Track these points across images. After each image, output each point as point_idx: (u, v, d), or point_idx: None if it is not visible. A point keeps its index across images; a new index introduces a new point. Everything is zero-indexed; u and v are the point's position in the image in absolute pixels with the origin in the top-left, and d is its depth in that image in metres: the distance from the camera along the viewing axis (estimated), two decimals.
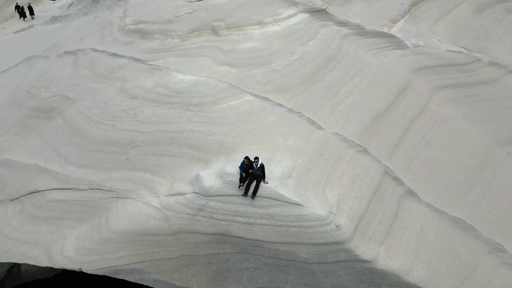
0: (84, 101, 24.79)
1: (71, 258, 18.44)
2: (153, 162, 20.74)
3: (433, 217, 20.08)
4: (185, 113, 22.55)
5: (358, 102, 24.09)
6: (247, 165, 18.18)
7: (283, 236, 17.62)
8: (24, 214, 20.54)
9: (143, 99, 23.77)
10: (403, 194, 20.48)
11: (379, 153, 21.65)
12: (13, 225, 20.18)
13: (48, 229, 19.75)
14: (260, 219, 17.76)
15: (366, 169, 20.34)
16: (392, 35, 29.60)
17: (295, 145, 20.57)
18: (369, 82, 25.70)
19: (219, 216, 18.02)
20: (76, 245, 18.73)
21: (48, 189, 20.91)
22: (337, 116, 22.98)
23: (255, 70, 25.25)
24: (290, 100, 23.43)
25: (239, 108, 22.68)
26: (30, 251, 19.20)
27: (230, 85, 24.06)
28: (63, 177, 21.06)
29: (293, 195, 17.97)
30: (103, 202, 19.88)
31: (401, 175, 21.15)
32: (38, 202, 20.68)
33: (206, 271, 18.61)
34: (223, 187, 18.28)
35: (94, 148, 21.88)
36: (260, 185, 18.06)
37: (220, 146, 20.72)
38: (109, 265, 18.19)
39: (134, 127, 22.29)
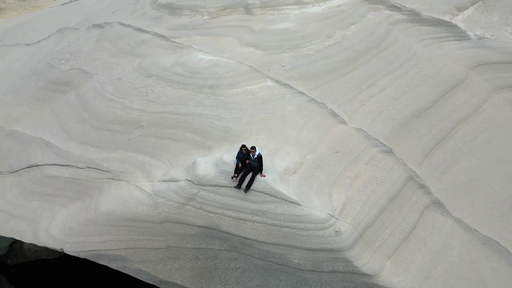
0: (99, 76, 25.83)
1: (55, 237, 19.34)
2: (155, 144, 21.23)
3: (460, 235, 19.02)
4: (197, 95, 22.87)
5: (395, 97, 23.29)
6: (244, 155, 18.14)
7: (275, 237, 17.44)
8: (19, 187, 21.82)
9: (157, 77, 24.37)
10: (428, 205, 19.58)
11: (408, 156, 20.81)
12: (8, 198, 21.50)
13: (39, 205, 20.85)
14: (252, 215, 17.68)
15: (387, 172, 19.64)
16: (453, 24, 28.28)
17: (308, 139, 20.25)
18: (414, 76, 24.76)
19: (209, 208, 18.14)
20: (62, 224, 19.62)
21: (47, 164, 22.04)
22: (367, 110, 22.35)
23: (283, 54, 25.11)
24: (315, 89, 23.09)
25: (255, 93, 22.67)
26: (18, 225, 20.37)
27: (251, 68, 24.08)
28: (64, 153, 22.11)
29: (291, 192, 17.72)
30: (97, 183, 20.64)
31: (430, 183, 20.20)
32: (35, 176, 21.87)
33: (192, 266, 18.81)
34: (217, 176, 18.37)
35: (98, 125, 22.75)
36: (256, 178, 17.93)
37: (225, 133, 20.83)
38: (91, 249, 18.88)
39: (142, 106, 22.92)
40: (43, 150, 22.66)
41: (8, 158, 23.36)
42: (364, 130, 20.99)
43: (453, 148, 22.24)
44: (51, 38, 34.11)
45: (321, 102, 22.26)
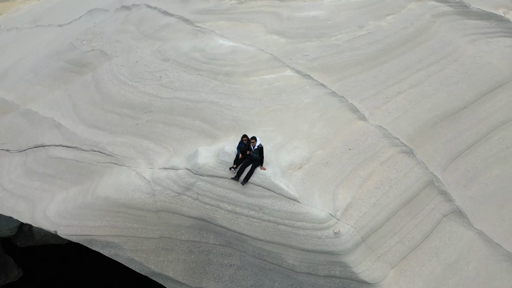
0: (118, 59, 26.59)
1: (51, 218, 20.11)
2: (161, 131, 21.66)
3: (480, 248, 18.36)
4: (211, 82, 23.13)
5: (426, 94, 22.75)
6: (245, 145, 18.21)
7: (270, 234, 17.42)
8: (24, 167, 22.82)
9: (174, 62, 24.83)
10: (447, 213, 19.02)
11: (431, 159, 20.30)
12: (11, 177, 22.54)
13: (40, 185, 21.72)
14: (248, 209, 17.73)
15: (403, 175, 19.22)
16: (505, 18, 27.24)
17: (320, 134, 20.10)
18: (451, 73, 24.08)
19: (205, 199, 18.34)
20: (59, 207, 20.36)
21: (53, 144, 22.94)
22: (392, 107, 21.95)
23: (308, 43, 24.99)
24: (337, 82, 22.87)
25: (272, 83, 22.70)
26: (18, 205, 21.31)
27: (272, 57, 24.13)
28: (71, 135, 22.94)
29: (291, 188, 17.64)
30: (100, 166, 21.29)
31: (452, 190, 19.62)
32: (40, 157, 22.81)
33: (185, 259, 19.07)
34: (216, 167, 18.55)
35: (108, 108, 23.44)
36: (256, 170, 17.96)
37: (234, 123, 20.98)
38: (84, 233, 19.48)
39: (154, 91, 23.44)
40: (52, 131, 23.58)
41: (19, 137, 24.45)
42: (384, 128, 20.59)
43: (486, 154, 21.46)
44: (81, 19, 35.33)
45: (341, 95, 21.99)
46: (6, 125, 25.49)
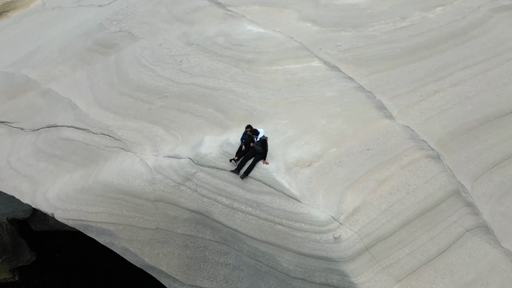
0: (143, 41, 27.28)
1: (49, 201, 20.88)
2: (173, 117, 22.04)
3: (504, 269, 17.56)
4: (231, 69, 23.34)
5: (468, 95, 22.00)
6: (249, 137, 18.22)
7: (266, 233, 17.33)
8: (33, 146, 23.81)
9: (197, 46, 25.21)
10: (471, 228, 18.29)
11: (462, 167, 19.66)
12: (20, 156, 23.57)
13: (46, 166, 22.60)
14: (245, 205, 17.74)
15: (425, 181, 18.64)
16: None
17: (338, 130, 19.82)
18: (501, 73, 23.22)
19: (203, 191, 18.50)
20: (60, 189, 21.11)
21: (65, 125, 23.82)
22: (425, 107, 21.36)
23: (342, 32, 24.72)
24: (368, 76, 22.48)
25: (296, 73, 22.63)
26: (21, 184, 22.26)
27: (301, 45, 24.03)
28: (84, 116, 23.74)
29: (293, 186, 17.49)
30: (107, 151, 21.91)
31: (481, 203, 18.87)
32: (50, 137, 23.73)
33: (180, 254, 19.29)
34: (218, 158, 18.67)
35: (124, 91, 24.10)
36: (258, 164, 17.94)
37: (248, 113, 21.07)
38: (81, 218, 20.09)
39: (172, 75, 23.89)
40: (66, 111, 24.47)
41: (35, 116, 25.54)
42: (412, 129, 20.03)
43: None
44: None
45: (369, 91, 21.56)
46: (25, 104, 26.64)
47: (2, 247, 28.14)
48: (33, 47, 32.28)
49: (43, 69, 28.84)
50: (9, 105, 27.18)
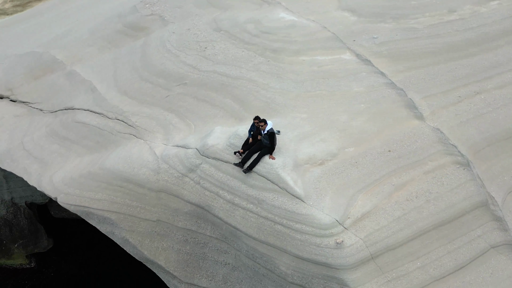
0: (173, 25, 27.81)
1: (55, 184, 21.56)
2: (189, 106, 22.34)
3: None
4: (256, 58, 23.44)
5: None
6: (257, 129, 18.22)
7: (265, 233, 17.26)
8: (48, 128, 24.65)
9: (225, 33, 25.47)
10: (497, 245, 17.62)
11: (494, 178, 19.04)
12: (34, 137, 24.47)
13: (58, 149, 23.36)
14: (246, 201, 17.74)
15: (449, 190, 18.09)
16: None
17: (359, 128, 19.54)
18: None
19: (206, 184, 18.63)
20: (67, 173, 21.76)
21: (82, 108, 24.56)
22: (463, 109, 20.79)
23: (382, 24, 24.39)
24: (402, 72, 22.06)
25: (323, 65, 22.48)
26: (31, 166, 23.10)
27: (333, 36, 23.86)
28: (101, 100, 24.40)
29: (299, 184, 17.36)
30: (119, 137, 22.44)
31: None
32: (66, 120, 24.51)
33: (179, 249, 19.48)
34: (224, 149, 18.77)
35: (145, 76, 24.63)
36: (263, 159, 17.91)
37: (266, 105, 21.10)
38: (83, 204, 20.63)
39: (194, 62, 24.22)
40: (86, 94, 25.24)
41: (55, 97, 26.48)
42: (442, 132, 19.46)
43: None
44: None
45: (401, 88, 21.12)
46: (48, 84, 27.65)
47: (19, 231, 29.28)
48: (66, 28, 33.41)
49: (71, 50, 29.81)
50: (34, 85, 28.26)
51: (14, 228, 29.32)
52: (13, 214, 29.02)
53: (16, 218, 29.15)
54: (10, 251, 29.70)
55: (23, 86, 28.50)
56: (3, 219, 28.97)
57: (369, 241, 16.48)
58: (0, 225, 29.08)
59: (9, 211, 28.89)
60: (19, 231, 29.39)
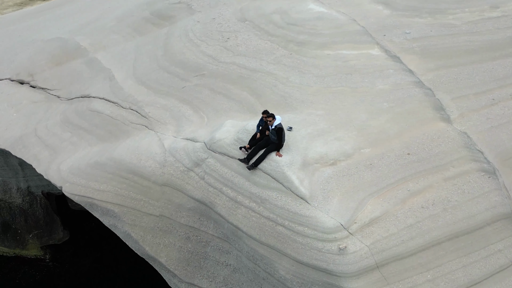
0: (199, 15, 28.03)
1: (61, 173, 21.96)
2: (205, 98, 22.48)
3: None
4: (278, 51, 23.40)
5: None
6: (265, 124, 18.15)
7: (266, 234, 17.15)
8: (62, 115, 25.14)
9: (250, 23, 25.52)
10: None
11: None
12: (48, 124, 25.00)
13: (70, 137, 23.80)
14: (249, 200, 17.68)
15: (470, 199, 17.61)
16: None
17: (379, 128, 19.24)
18: None
19: (210, 180, 18.67)
20: (75, 162, 22.13)
21: (98, 97, 24.97)
22: (496, 112, 20.29)
23: (416, 19, 23.97)
24: (433, 71, 21.64)
25: (349, 60, 22.25)
26: (41, 153, 23.59)
27: (363, 30, 23.58)
28: (118, 89, 24.77)
29: (306, 184, 17.20)
30: (131, 127, 22.72)
31: None
32: (81, 107, 24.96)
33: (180, 247, 19.56)
34: (231, 144, 18.79)
35: (164, 65, 24.91)
36: (269, 156, 17.81)
37: (283, 99, 21.03)
38: (87, 195, 20.92)
39: (215, 52, 24.38)
40: (103, 82, 25.67)
41: (74, 84, 27.03)
42: (469, 136, 18.97)
43: None
44: None
45: (429, 87, 20.69)
46: (69, 71, 28.25)
47: (34, 221, 29.95)
48: (94, 15, 34.05)
49: (96, 37, 30.35)
50: (55, 71, 28.89)
51: (30, 218, 29.98)
52: (29, 203, 29.67)
53: (32, 208, 29.79)
54: (24, 241, 30.42)
55: (45, 72, 29.15)
56: (19, 208, 29.65)
57: (376, 248, 16.15)
58: (15, 214, 29.75)
59: (25, 200, 29.55)
60: (34, 221, 30.04)
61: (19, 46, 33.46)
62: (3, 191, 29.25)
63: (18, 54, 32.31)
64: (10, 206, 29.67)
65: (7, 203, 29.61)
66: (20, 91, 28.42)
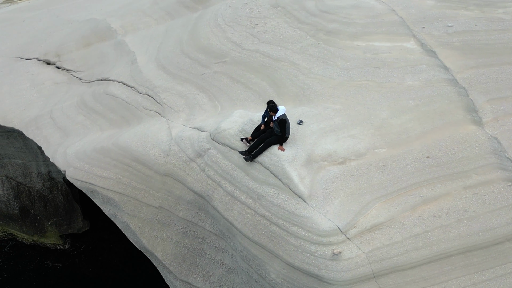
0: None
1: (67, 157, 22.55)
2: (223, 86, 22.67)
3: None
4: (305, 40, 23.34)
5: None
6: (271, 115, 18.12)
7: (259, 233, 17.07)
8: (79, 98, 25.85)
9: (282, 9, 25.55)
10: None
11: None
12: (63, 106, 25.75)
13: (83, 121, 24.44)
14: (246, 195, 17.67)
15: (491, 210, 17.01)
16: None
17: (399, 128, 18.89)
18: None
19: (210, 172, 18.78)
20: (82, 147, 22.69)
21: (116, 80, 25.58)
22: None
23: (461, 11, 23.38)
24: (471, 69, 21.02)
25: (379, 53, 21.92)
26: (52, 135, 24.31)
27: (400, 21, 23.22)
28: (137, 73, 25.28)
29: (306, 182, 17.05)
30: (143, 113, 23.15)
31: None
32: (98, 90, 25.60)
33: (177, 242, 19.74)
34: (235, 135, 18.86)
35: (186, 50, 25.28)
36: (270, 149, 17.75)
37: (301, 91, 20.96)
38: (89, 181, 21.42)
39: (240, 39, 24.56)
40: (125, 66, 26.26)
41: (97, 67, 27.80)
42: (500, 142, 18.30)
43: None
44: None
45: (463, 86, 20.09)
46: (95, 53, 29.07)
47: (53, 208, 30.86)
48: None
49: (128, 19, 31.11)
50: (82, 53, 29.78)
51: (49, 205, 30.90)
52: (49, 189, 30.58)
53: (52, 194, 30.69)
54: (43, 229, 31.39)
55: (72, 53, 30.08)
56: (39, 193, 30.60)
57: (374, 256, 15.80)
58: (35, 199, 30.71)
59: (45, 186, 30.46)
60: (54, 208, 30.93)
61: (55, 26, 34.72)
62: (24, 175, 30.23)
63: (51, 34, 33.48)
64: (29, 190, 30.64)
65: (27, 187, 30.58)
66: (45, 72, 29.41)
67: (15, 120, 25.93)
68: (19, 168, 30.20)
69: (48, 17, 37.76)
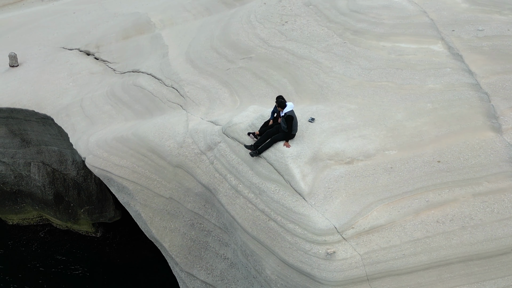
0: None
1: (88, 144, 22.95)
2: (246, 82, 22.74)
3: None
4: (332, 39, 23.21)
5: None
6: (279, 111, 18.02)
7: (257, 228, 16.98)
8: (109, 88, 26.29)
9: (313, 8, 25.57)
10: None
11: None
12: (93, 95, 26.24)
13: (109, 110, 24.83)
14: (248, 190, 17.63)
15: (498, 219, 16.47)
16: None
17: (414, 131, 18.52)
18: None
19: (218, 165, 18.83)
20: (104, 135, 23.05)
21: (146, 72, 25.92)
22: None
23: (495, 15, 22.85)
24: (497, 74, 20.52)
25: (405, 54, 21.63)
26: (79, 123, 24.77)
27: (430, 23, 22.87)
28: (165, 66, 25.59)
29: (308, 180, 16.91)
30: (167, 105, 23.38)
31: None
32: (127, 82, 25.99)
33: (184, 234, 19.82)
34: (245, 129, 18.92)
35: (215, 45, 25.49)
36: (277, 145, 17.65)
37: (319, 89, 20.85)
38: (107, 169, 21.74)
39: (268, 36, 24.66)
40: (156, 59, 26.64)
41: (132, 59, 28.28)
42: None
43: None
44: None
45: (486, 92, 19.53)
46: (133, 45, 29.60)
47: (87, 196, 31.40)
48: None
49: (168, 14, 31.58)
50: (120, 45, 30.33)
51: (83, 192, 31.45)
52: (83, 177, 31.09)
53: (86, 182, 31.20)
54: (76, 216, 31.98)
55: (111, 44, 30.65)
56: (73, 181, 31.19)
57: (369, 258, 15.46)
58: (69, 186, 31.32)
59: (80, 174, 30.99)
60: (87, 196, 31.46)
61: (102, 18, 35.47)
62: (59, 162, 30.86)
63: (97, 26, 34.23)
64: (64, 178, 31.25)
65: (62, 174, 31.19)
66: (83, 62, 30.05)
67: (48, 107, 26.57)
68: (55, 155, 30.82)
69: (97, 10, 38.62)
